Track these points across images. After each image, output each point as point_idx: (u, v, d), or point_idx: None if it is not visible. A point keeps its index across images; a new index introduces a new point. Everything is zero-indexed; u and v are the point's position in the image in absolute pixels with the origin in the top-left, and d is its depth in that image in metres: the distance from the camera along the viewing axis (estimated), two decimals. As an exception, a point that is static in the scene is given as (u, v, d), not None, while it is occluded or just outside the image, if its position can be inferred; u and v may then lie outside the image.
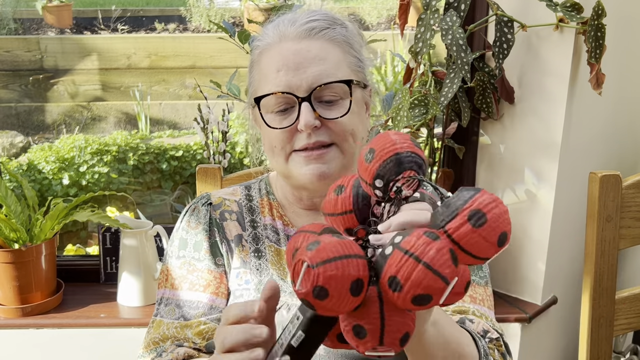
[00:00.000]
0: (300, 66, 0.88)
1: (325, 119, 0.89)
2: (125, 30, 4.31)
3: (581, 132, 1.49)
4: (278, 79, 0.89)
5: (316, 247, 0.56)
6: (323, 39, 0.91)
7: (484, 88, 1.44)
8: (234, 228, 0.99)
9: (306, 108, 0.88)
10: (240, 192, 1.04)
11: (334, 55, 0.90)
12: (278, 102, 0.90)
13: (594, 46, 1.32)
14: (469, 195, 0.56)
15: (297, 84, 0.88)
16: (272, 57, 0.91)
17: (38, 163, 3.15)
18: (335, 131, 0.90)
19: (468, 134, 1.57)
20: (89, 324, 1.51)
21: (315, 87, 0.88)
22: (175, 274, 0.98)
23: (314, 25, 0.91)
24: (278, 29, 0.92)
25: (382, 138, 0.62)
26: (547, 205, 1.48)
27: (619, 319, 1.17)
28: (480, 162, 1.58)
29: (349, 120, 0.90)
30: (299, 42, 0.90)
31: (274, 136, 0.91)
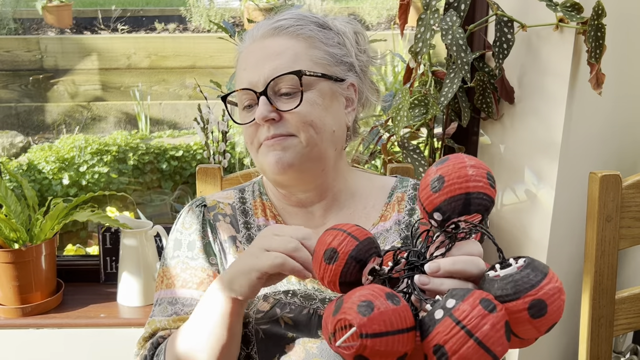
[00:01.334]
0: (259, 63, 0.92)
1: (281, 111, 0.91)
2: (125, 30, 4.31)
3: (581, 132, 1.49)
4: (242, 77, 0.94)
5: (370, 313, 0.52)
6: (287, 35, 0.93)
7: (484, 88, 1.45)
8: (227, 230, 1.00)
9: (262, 101, 0.91)
10: (234, 195, 1.05)
11: (293, 50, 0.92)
12: (242, 99, 0.94)
13: (594, 46, 1.32)
14: (537, 280, 0.53)
15: (255, 79, 0.92)
16: (242, 58, 0.96)
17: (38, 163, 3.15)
18: (293, 122, 0.91)
19: (468, 134, 1.57)
20: (89, 324, 1.51)
21: (270, 81, 0.91)
22: (170, 274, 0.99)
23: (280, 24, 0.94)
24: (252, 32, 0.97)
25: (456, 166, 0.58)
26: (547, 205, 1.48)
27: (619, 319, 1.17)
28: (480, 162, 1.58)
29: (306, 110, 0.91)
30: (263, 41, 0.94)
31: (245, 132, 0.96)
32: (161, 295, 0.99)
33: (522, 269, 0.54)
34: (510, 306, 0.53)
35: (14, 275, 1.48)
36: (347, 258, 0.63)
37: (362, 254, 0.63)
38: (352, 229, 0.66)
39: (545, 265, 0.55)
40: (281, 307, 0.91)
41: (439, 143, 1.56)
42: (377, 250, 0.66)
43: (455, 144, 1.55)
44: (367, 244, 0.65)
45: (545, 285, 0.53)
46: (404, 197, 1.02)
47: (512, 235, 1.55)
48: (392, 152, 1.51)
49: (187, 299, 0.96)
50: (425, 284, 0.59)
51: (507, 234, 1.56)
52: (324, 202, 1.00)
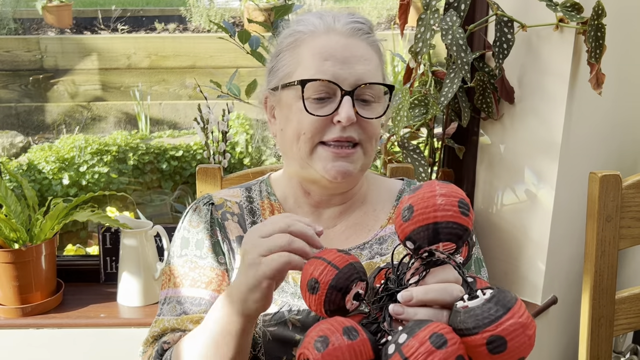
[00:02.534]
0: (348, 60, 0.89)
1: (361, 117, 0.90)
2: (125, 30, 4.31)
3: (581, 132, 1.49)
4: (325, 67, 0.89)
5: (324, 349, 0.53)
6: (366, 41, 0.93)
7: (484, 88, 1.44)
8: (235, 229, 0.99)
9: (348, 102, 0.88)
10: (240, 193, 1.04)
11: (374, 59, 0.93)
12: (319, 90, 0.90)
13: (594, 46, 1.32)
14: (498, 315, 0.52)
15: (343, 76, 0.89)
16: (319, 45, 0.91)
17: (38, 163, 3.15)
18: (366, 131, 0.91)
19: (468, 134, 1.57)
20: (89, 324, 1.51)
21: (361, 84, 0.89)
22: (177, 272, 0.98)
23: (359, 26, 0.93)
24: (324, 21, 0.93)
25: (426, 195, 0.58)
26: (547, 205, 1.48)
27: (619, 318, 1.17)
28: (480, 162, 1.58)
29: (377, 123, 0.93)
30: (347, 38, 0.91)
31: (306, 123, 0.90)
32: (169, 293, 0.98)
33: (486, 302, 0.53)
34: (469, 340, 0.52)
35: (14, 275, 1.48)
36: (328, 288, 0.64)
37: (342, 282, 0.64)
38: (334, 257, 0.67)
39: (512, 297, 0.53)
40: (289, 310, 0.91)
41: (439, 143, 1.56)
42: (359, 275, 0.66)
43: (455, 144, 1.55)
44: (348, 272, 0.65)
45: (506, 321, 0.51)
46: None
47: (512, 235, 1.55)
48: (392, 152, 1.51)
49: (195, 298, 0.95)
50: (400, 314, 0.59)
51: (507, 234, 1.56)
52: (342, 205, 1.00)
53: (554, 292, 1.59)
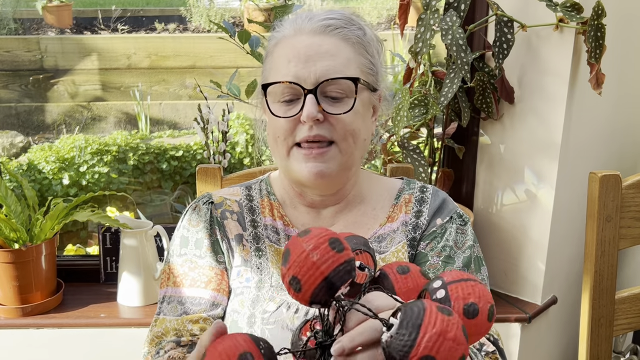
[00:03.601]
0: (310, 59, 0.89)
1: (328, 114, 0.89)
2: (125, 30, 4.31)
3: (581, 132, 1.49)
4: (287, 69, 0.90)
5: None
6: (337, 36, 0.91)
7: (484, 88, 1.44)
8: (235, 227, 1.00)
9: (310, 100, 0.88)
10: (240, 192, 1.04)
11: (345, 53, 0.91)
12: (284, 92, 0.91)
13: (594, 46, 1.32)
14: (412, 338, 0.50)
15: (305, 75, 0.89)
16: (286, 48, 0.92)
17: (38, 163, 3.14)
18: (337, 128, 0.90)
19: (468, 134, 1.57)
20: (89, 324, 1.51)
21: (322, 81, 0.88)
22: (177, 271, 0.99)
23: (330, 22, 0.92)
24: (295, 22, 0.93)
25: (300, 259, 0.57)
26: (547, 205, 1.48)
27: (618, 319, 1.16)
28: (480, 162, 1.58)
29: (351, 119, 0.90)
30: (312, 37, 0.91)
31: (278, 126, 0.92)
32: (169, 292, 0.99)
33: (398, 330, 0.51)
34: None
35: (14, 275, 1.47)
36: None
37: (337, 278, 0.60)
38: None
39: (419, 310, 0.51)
40: (287, 308, 0.92)
41: (439, 143, 1.56)
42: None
43: (455, 144, 1.55)
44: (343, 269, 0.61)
45: (422, 340, 0.50)
46: (410, 199, 1.03)
47: (512, 235, 1.55)
48: (392, 152, 1.51)
49: (195, 298, 0.96)
50: None
51: (507, 234, 1.56)
52: (337, 205, 1.00)
53: (554, 292, 1.59)
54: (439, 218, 1.00)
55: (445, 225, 0.99)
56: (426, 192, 1.03)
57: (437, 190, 1.04)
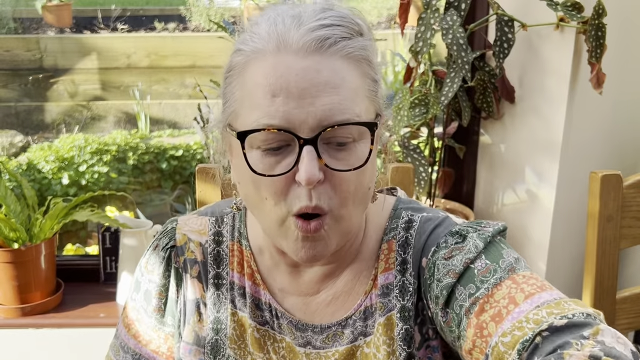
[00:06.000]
0: (306, 94, 0.64)
1: (331, 169, 0.66)
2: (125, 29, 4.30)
3: (582, 132, 1.49)
4: (274, 107, 0.65)
5: None
6: (338, 54, 0.67)
7: (485, 87, 1.44)
8: (192, 288, 0.81)
9: (310, 155, 0.64)
10: (209, 227, 0.83)
11: (351, 81, 0.67)
12: (270, 139, 0.66)
13: (595, 46, 1.32)
14: None
15: (300, 118, 0.64)
16: (265, 72, 0.66)
17: (37, 162, 3.14)
18: (340, 188, 0.67)
19: (469, 133, 1.57)
20: (89, 323, 1.51)
21: (326, 127, 0.65)
22: (129, 314, 0.86)
23: (327, 33, 0.66)
24: (276, 30, 0.67)
25: None
26: (548, 204, 1.47)
27: (619, 318, 1.16)
28: (480, 162, 1.58)
29: (359, 174, 0.67)
30: (305, 57, 0.65)
31: (264, 185, 0.67)
32: (120, 331, 0.87)
33: None
34: None
35: (13, 274, 1.47)
36: None
37: None
38: None
39: None
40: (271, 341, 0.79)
41: (440, 142, 1.56)
42: None
43: (456, 144, 1.55)
44: None
45: None
46: (392, 247, 0.76)
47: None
48: (392, 151, 1.51)
49: (136, 353, 0.84)
50: None
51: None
52: (328, 266, 0.77)
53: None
54: (424, 257, 0.74)
55: (433, 259, 0.73)
56: (411, 228, 0.76)
57: (426, 219, 0.76)
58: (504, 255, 0.71)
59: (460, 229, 0.74)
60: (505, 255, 0.71)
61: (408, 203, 0.81)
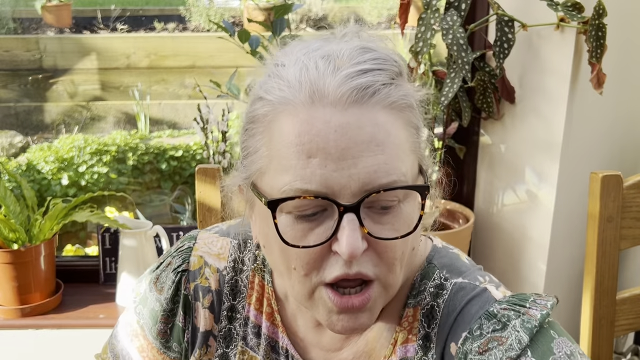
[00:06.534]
0: (347, 154, 0.56)
1: (374, 238, 0.58)
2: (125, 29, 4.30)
3: (582, 132, 1.49)
4: (309, 170, 0.56)
5: None
6: (380, 104, 0.58)
7: (485, 88, 1.44)
8: (204, 319, 0.75)
9: (352, 224, 0.56)
10: (229, 251, 0.76)
11: (396, 135, 0.58)
12: (304, 205, 0.58)
13: (595, 46, 1.32)
14: None
15: (340, 183, 0.56)
16: (299, 129, 0.57)
17: (37, 163, 3.14)
18: (384, 257, 0.59)
19: (469, 133, 1.57)
20: (88, 324, 1.51)
21: (370, 193, 0.57)
22: (133, 322, 0.80)
23: (368, 81, 0.57)
24: (308, 76, 0.58)
25: None
26: (548, 205, 1.47)
27: (619, 319, 1.16)
28: (481, 162, 1.58)
29: (405, 240, 0.60)
30: (344, 111, 0.56)
31: (292, 255, 0.59)
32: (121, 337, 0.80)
33: None
34: None
35: (13, 275, 1.47)
36: None
37: None
38: None
39: None
40: None
41: (440, 143, 1.56)
42: None
43: (456, 144, 1.55)
44: None
45: None
46: (417, 315, 0.67)
47: (513, 235, 1.55)
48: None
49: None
50: None
51: (507, 234, 1.56)
52: None
53: (555, 292, 1.59)
54: (452, 342, 0.64)
55: (464, 349, 0.63)
56: (440, 297, 0.67)
57: (459, 289, 0.66)
58: (555, 350, 0.60)
59: (499, 312, 0.63)
60: (557, 349, 0.61)
61: (444, 256, 0.70)
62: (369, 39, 0.63)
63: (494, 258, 1.58)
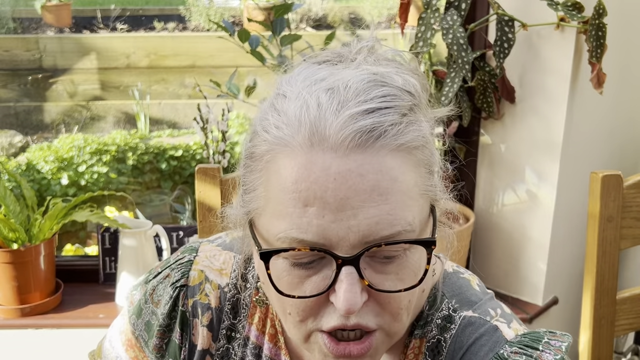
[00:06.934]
0: (346, 205, 0.51)
1: (376, 290, 0.54)
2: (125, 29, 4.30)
3: (582, 132, 1.49)
4: (305, 219, 0.52)
5: None
6: (387, 148, 0.52)
7: (485, 87, 1.44)
8: (201, 337, 0.71)
9: (350, 278, 0.52)
10: (232, 267, 0.71)
11: (402, 181, 0.53)
12: (300, 255, 0.54)
13: (595, 45, 1.31)
14: None
15: (339, 235, 0.52)
16: (295, 175, 0.53)
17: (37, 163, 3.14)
18: (389, 307, 0.55)
19: (469, 133, 1.56)
20: (88, 324, 1.51)
21: (371, 246, 0.52)
22: (128, 332, 0.77)
23: (375, 122, 0.52)
24: (308, 116, 0.53)
25: None
26: (548, 205, 1.47)
27: (620, 319, 1.16)
28: (481, 162, 1.58)
29: (410, 292, 0.56)
30: (345, 157, 0.51)
31: (288, 302, 0.56)
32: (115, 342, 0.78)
33: None
34: None
35: (12, 275, 1.47)
36: None
37: None
38: None
39: None
40: None
41: (440, 143, 1.56)
42: None
43: (456, 144, 1.55)
44: None
45: None
46: (422, 347, 0.64)
47: (513, 235, 1.55)
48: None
49: None
50: None
51: (507, 234, 1.56)
52: None
53: (555, 292, 1.59)
54: None
55: None
56: (447, 331, 0.63)
57: (468, 324, 0.63)
58: None
59: (509, 355, 0.59)
60: None
61: (454, 283, 0.66)
62: (383, 60, 0.57)
63: (494, 258, 1.58)
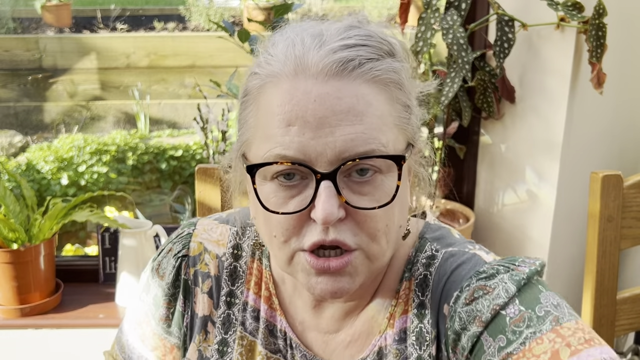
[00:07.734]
0: (324, 123, 0.58)
1: (353, 207, 0.59)
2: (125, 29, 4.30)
3: (582, 132, 1.49)
4: (288, 137, 0.59)
5: None
6: (362, 78, 0.60)
7: (485, 87, 1.44)
8: (202, 304, 0.76)
9: (328, 191, 0.58)
10: (229, 238, 0.77)
11: (377, 107, 0.60)
12: (283, 169, 0.60)
13: (595, 45, 1.31)
14: None
15: (317, 150, 0.58)
16: (281, 99, 0.60)
17: (37, 163, 3.14)
18: (365, 226, 0.60)
19: (469, 133, 1.57)
20: (88, 324, 1.51)
21: (346, 161, 0.58)
22: (136, 313, 0.82)
23: (351, 54, 0.60)
24: (294, 51, 0.61)
25: None
26: (548, 205, 1.47)
27: (620, 319, 1.16)
28: (481, 162, 1.58)
29: (386, 210, 0.61)
30: (324, 82, 0.59)
31: (273, 222, 0.62)
32: (126, 328, 0.83)
33: None
34: None
35: (12, 275, 1.47)
36: None
37: None
38: None
39: None
40: None
41: (440, 143, 1.56)
42: None
43: (456, 144, 1.55)
44: None
45: None
46: (411, 286, 0.69)
47: (513, 235, 1.55)
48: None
49: (142, 355, 0.80)
50: None
51: (508, 234, 1.56)
52: (349, 303, 0.71)
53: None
54: (445, 304, 0.66)
55: (455, 307, 0.65)
56: (431, 265, 0.69)
57: (449, 255, 0.68)
58: (542, 300, 0.62)
59: (488, 269, 0.65)
60: (544, 300, 0.62)
61: (436, 231, 0.72)
62: (364, 20, 0.65)
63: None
